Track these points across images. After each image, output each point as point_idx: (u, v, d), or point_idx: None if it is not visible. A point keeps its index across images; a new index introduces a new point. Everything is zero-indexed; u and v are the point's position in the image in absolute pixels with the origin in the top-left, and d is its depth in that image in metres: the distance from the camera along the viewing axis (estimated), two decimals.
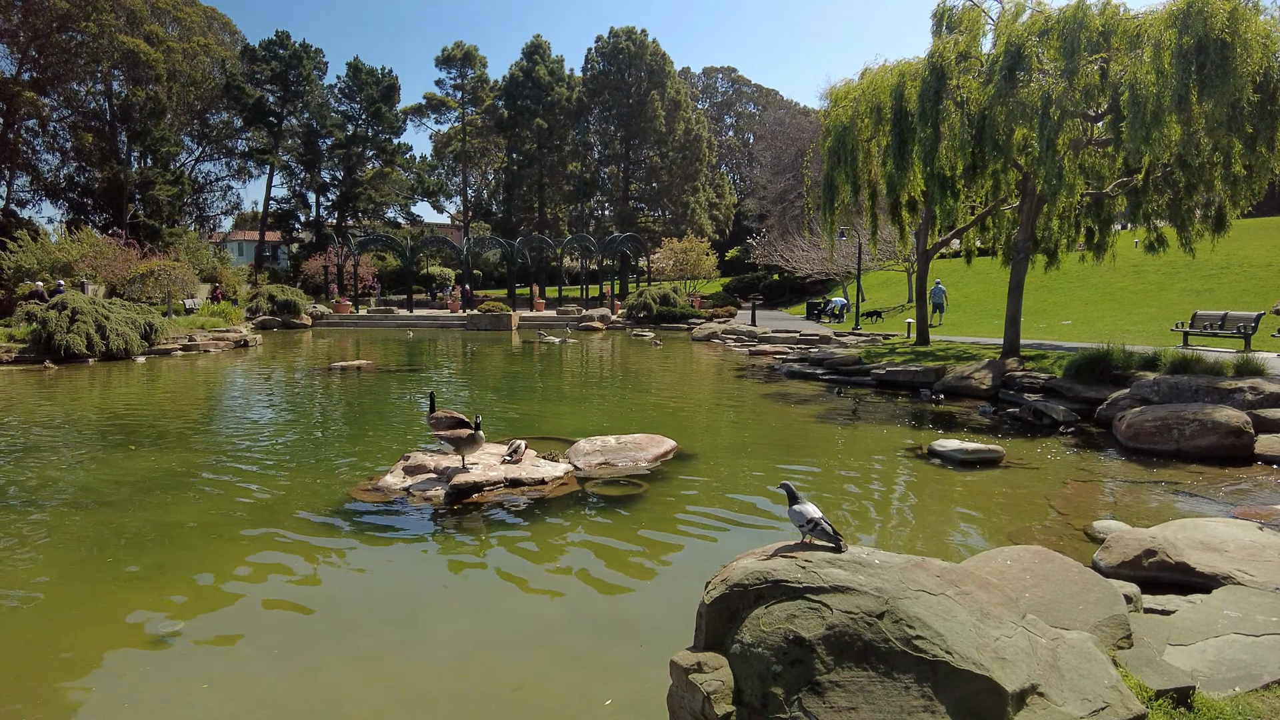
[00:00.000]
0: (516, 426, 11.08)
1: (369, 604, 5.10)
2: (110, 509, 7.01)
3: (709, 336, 28.77)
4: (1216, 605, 4.14)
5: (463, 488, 7.23)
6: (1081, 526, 6.43)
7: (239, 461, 8.98)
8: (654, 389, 15.88)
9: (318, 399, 14.61)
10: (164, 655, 4.36)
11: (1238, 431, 8.90)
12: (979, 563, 4.28)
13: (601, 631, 4.73)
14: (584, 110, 60.02)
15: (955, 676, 2.74)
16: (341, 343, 27.67)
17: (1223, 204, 14.96)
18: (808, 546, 3.36)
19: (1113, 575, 4.86)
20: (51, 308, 19.84)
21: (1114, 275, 26.81)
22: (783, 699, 2.79)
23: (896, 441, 10.13)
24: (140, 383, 16.32)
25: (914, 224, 19.46)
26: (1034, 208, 15.37)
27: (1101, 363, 12.33)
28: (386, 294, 52.84)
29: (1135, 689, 3.11)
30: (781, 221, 51.95)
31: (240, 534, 6.39)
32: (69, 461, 8.91)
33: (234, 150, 63.22)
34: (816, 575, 3.09)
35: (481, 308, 37.39)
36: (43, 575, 5.50)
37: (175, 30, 55.91)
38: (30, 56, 47.68)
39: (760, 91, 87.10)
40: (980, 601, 3.13)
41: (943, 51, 13.72)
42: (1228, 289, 24.63)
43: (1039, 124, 12.54)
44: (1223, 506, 7.04)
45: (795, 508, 3.51)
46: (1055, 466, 8.67)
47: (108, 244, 31.70)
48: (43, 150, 51.62)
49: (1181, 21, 11.56)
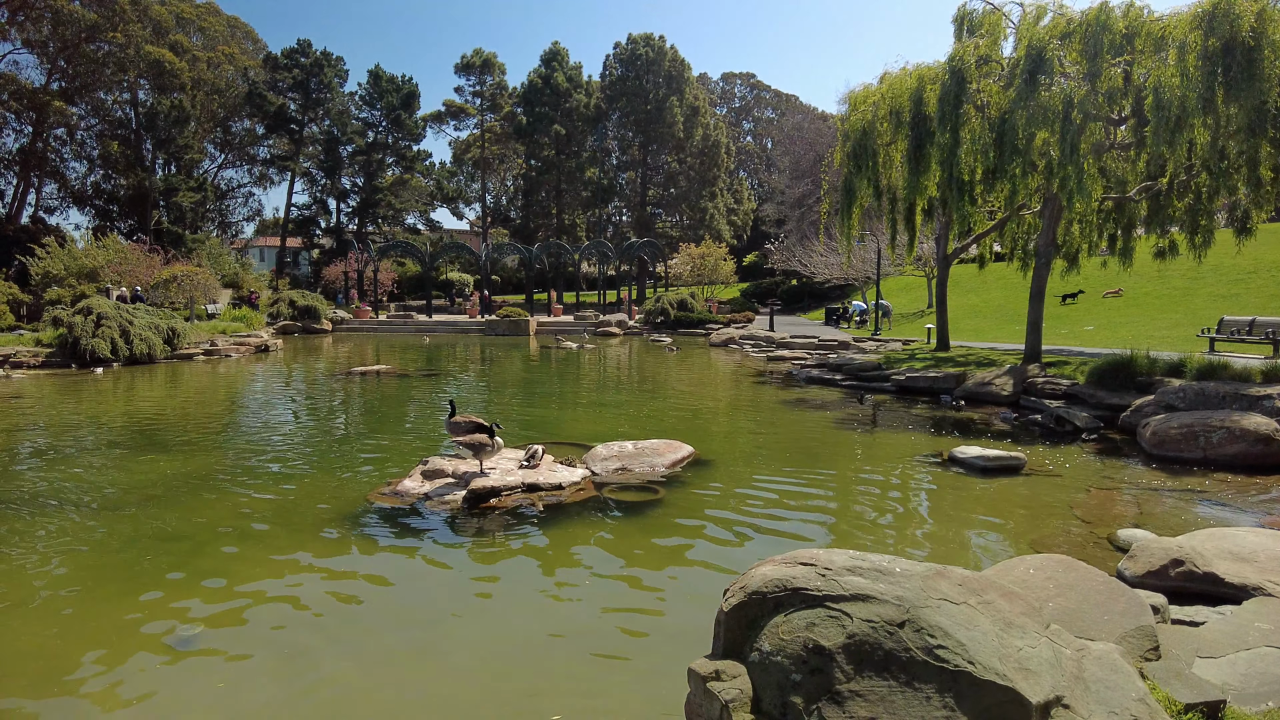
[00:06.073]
0: (534, 431, 11.10)
1: (385, 607, 5.12)
2: (132, 511, 7.09)
3: (727, 342, 28.68)
4: (1247, 617, 4.05)
5: (480, 492, 7.24)
6: (1106, 535, 6.33)
7: (259, 465, 9.07)
8: (671, 394, 15.86)
9: (338, 403, 14.72)
10: (183, 656, 4.39)
11: (1267, 439, 8.73)
12: (1001, 571, 4.22)
13: (618, 638, 4.71)
14: (602, 116, 60.19)
15: (978, 687, 2.69)
16: (361, 348, 27.88)
17: (1247, 208, 14.72)
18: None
19: (1138, 585, 4.78)
20: (78, 313, 20.16)
21: (1138, 280, 26.46)
22: (802, 708, 2.76)
23: (916, 448, 10.03)
24: (163, 387, 16.52)
25: (932, 229, 19.31)
26: (1055, 213, 15.20)
27: (1125, 369, 12.15)
28: (406, 299, 53.20)
29: (1163, 702, 3.05)
30: (800, 226, 51.82)
31: (260, 537, 6.44)
32: (93, 464, 9.03)
33: (256, 157, 64.03)
34: (837, 583, 3.05)
35: (500, 313, 37.54)
36: (65, 577, 5.57)
37: (199, 39, 56.86)
38: (59, 66, 48.61)
39: (779, 97, 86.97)
40: (1003, 611, 3.08)
41: (963, 55, 13.61)
42: (1255, 293, 24.21)
43: (1060, 128, 12.40)
44: (1252, 515, 6.91)
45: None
46: (1078, 474, 8.55)
47: (132, 250, 32.18)
48: (70, 158, 52.62)
49: (1207, 23, 11.40)
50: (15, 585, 5.39)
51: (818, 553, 3.32)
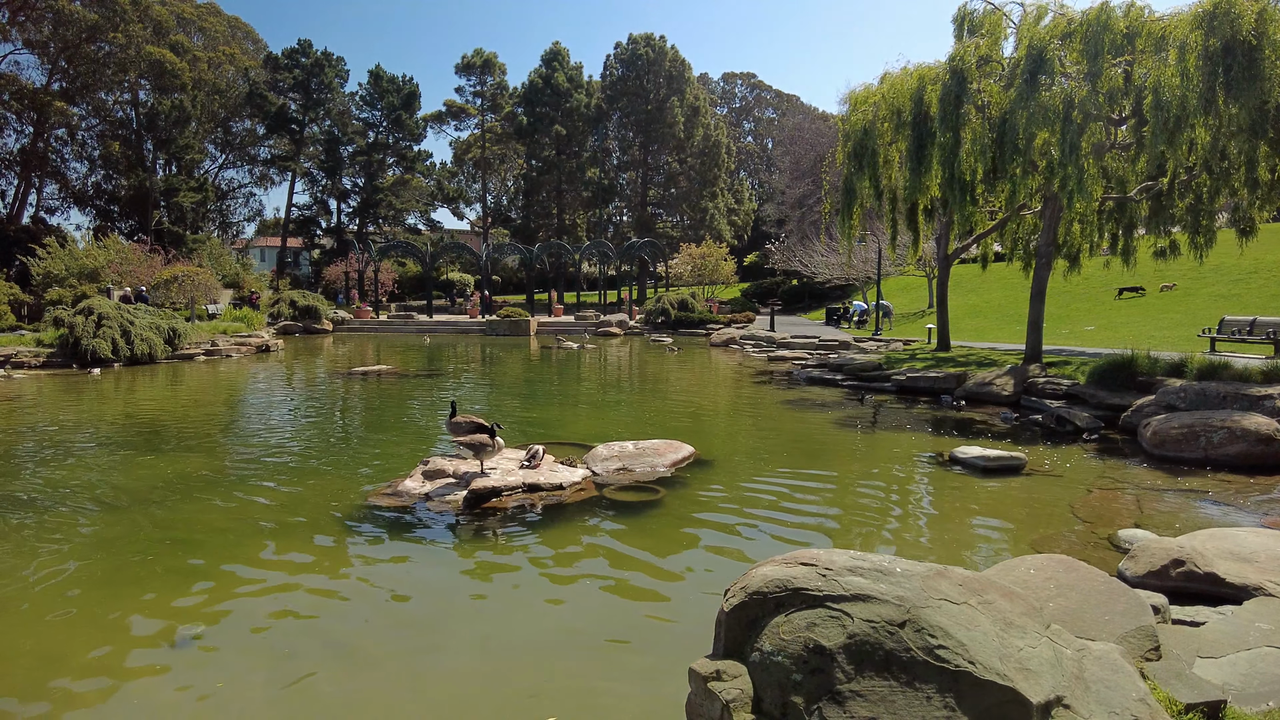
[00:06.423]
0: (534, 431, 11.11)
1: (385, 608, 5.12)
2: (133, 512, 7.10)
3: (727, 342, 28.68)
4: (1248, 617, 4.05)
5: (481, 493, 7.24)
6: (1106, 535, 6.33)
7: (260, 465, 9.07)
8: (672, 394, 15.86)
9: (338, 404, 14.73)
10: (183, 656, 4.40)
11: (1268, 439, 8.72)
12: (1002, 571, 4.22)
13: (619, 638, 4.71)
14: (603, 117, 60.18)
15: (978, 687, 2.69)
16: (362, 348, 27.89)
17: (1249, 209, 14.70)
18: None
19: (1139, 585, 4.77)
20: (79, 313, 20.17)
21: (1139, 280, 26.44)
22: (802, 708, 2.76)
23: (917, 448, 10.03)
24: (164, 387, 16.53)
25: (933, 229, 19.30)
26: (1056, 213, 15.20)
27: (1126, 369, 12.15)
28: (407, 300, 53.22)
29: (1164, 702, 3.05)
30: (800, 227, 51.80)
31: (260, 537, 6.44)
32: (93, 465, 9.03)
33: (256, 157, 64.07)
34: (837, 583, 3.06)
35: (500, 313, 37.53)
36: (65, 577, 5.57)
37: (200, 40, 56.87)
38: (60, 67, 48.63)
39: (779, 97, 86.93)
40: (1004, 611, 3.08)
41: (963, 55, 13.60)
42: (1255, 294, 24.20)
43: (1061, 128, 12.39)
44: (1252, 516, 6.90)
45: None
46: (1079, 474, 8.55)
47: (133, 250, 32.20)
48: (71, 159, 52.68)
49: (1208, 23, 11.39)
50: (15, 585, 5.39)
51: (818, 553, 3.32)
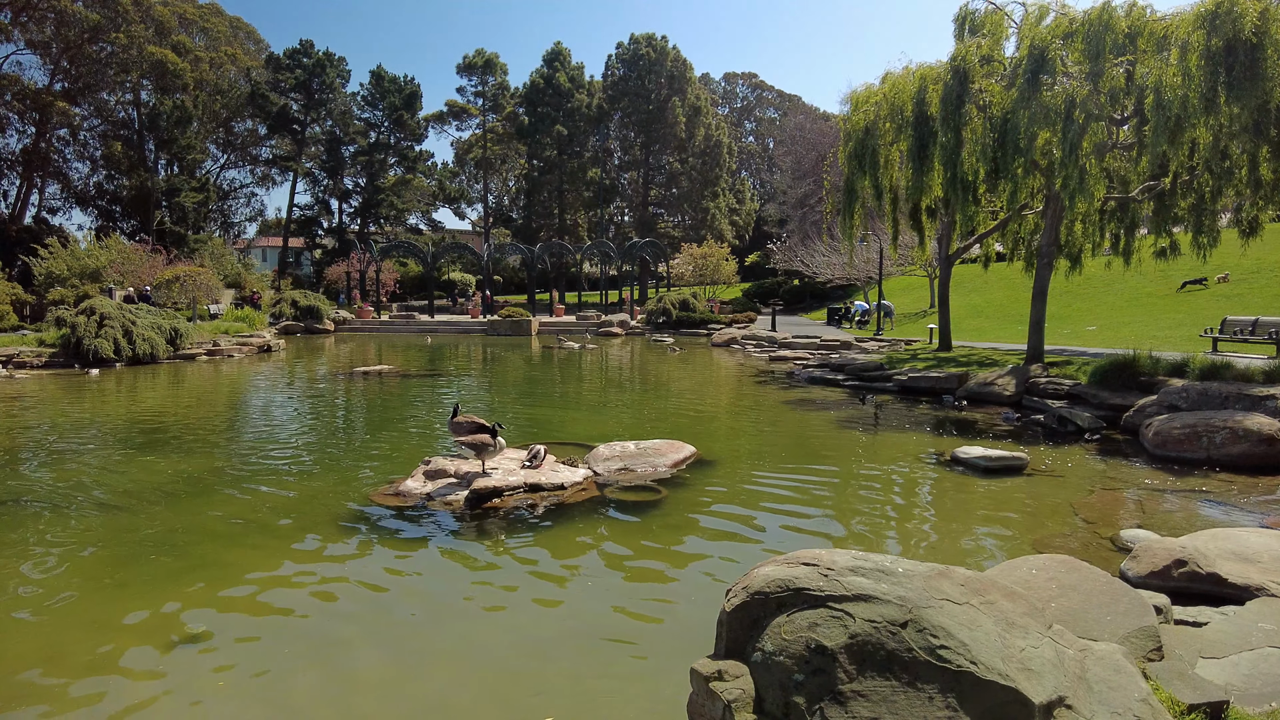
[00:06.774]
0: (536, 431, 11.11)
1: (387, 608, 5.12)
2: (135, 512, 7.10)
3: (729, 342, 28.67)
4: (1250, 618, 4.04)
5: (482, 492, 7.24)
6: (1108, 535, 6.32)
7: (262, 465, 9.08)
8: (673, 394, 15.85)
9: (340, 404, 14.74)
10: (184, 656, 4.40)
11: (1270, 439, 8.71)
12: (1004, 571, 4.21)
13: (620, 638, 4.71)
14: (604, 117, 60.19)
15: (980, 687, 2.69)
16: (364, 348, 27.91)
17: (1252, 209, 14.67)
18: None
19: (1141, 585, 4.77)
20: (81, 313, 20.20)
21: (1141, 280, 26.42)
22: (804, 708, 2.76)
23: (919, 448, 10.03)
24: (166, 387, 16.55)
25: (934, 229, 19.30)
26: (1057, 213, 15.18)
27: (1128, 369, 12.13)
28: (408, 300, 53.25)
29: (1166, 703, 3.05)
30: (802, 227, 51.81)
31: (261, 537, 6.45)
32: (96, 465, 9.04)
33: (258, 158, 64.18)
34: (839, 583, 3.05)
35: (502, 313, 37.55)
36: (67, 576, 5.57)
37: (202, 40, 56.94)
38: (62, 67, 48.74)
39: (781, 97, 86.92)
40: (1005, 611, 3.08)
41: (965, 55, 13.60)
42: (1258, 294, 24.17)
43: (1062, 128, 12.39)
44: (1255, 516, 6.89)
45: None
46: (1081, 474, 8.54)
47: (135, 250, 32.25)
48: (73, 159, 52.83)
49: (1210, 23, 11.38)
50: (16, 585, 5.40)
51: (820, 553, 3.32)
